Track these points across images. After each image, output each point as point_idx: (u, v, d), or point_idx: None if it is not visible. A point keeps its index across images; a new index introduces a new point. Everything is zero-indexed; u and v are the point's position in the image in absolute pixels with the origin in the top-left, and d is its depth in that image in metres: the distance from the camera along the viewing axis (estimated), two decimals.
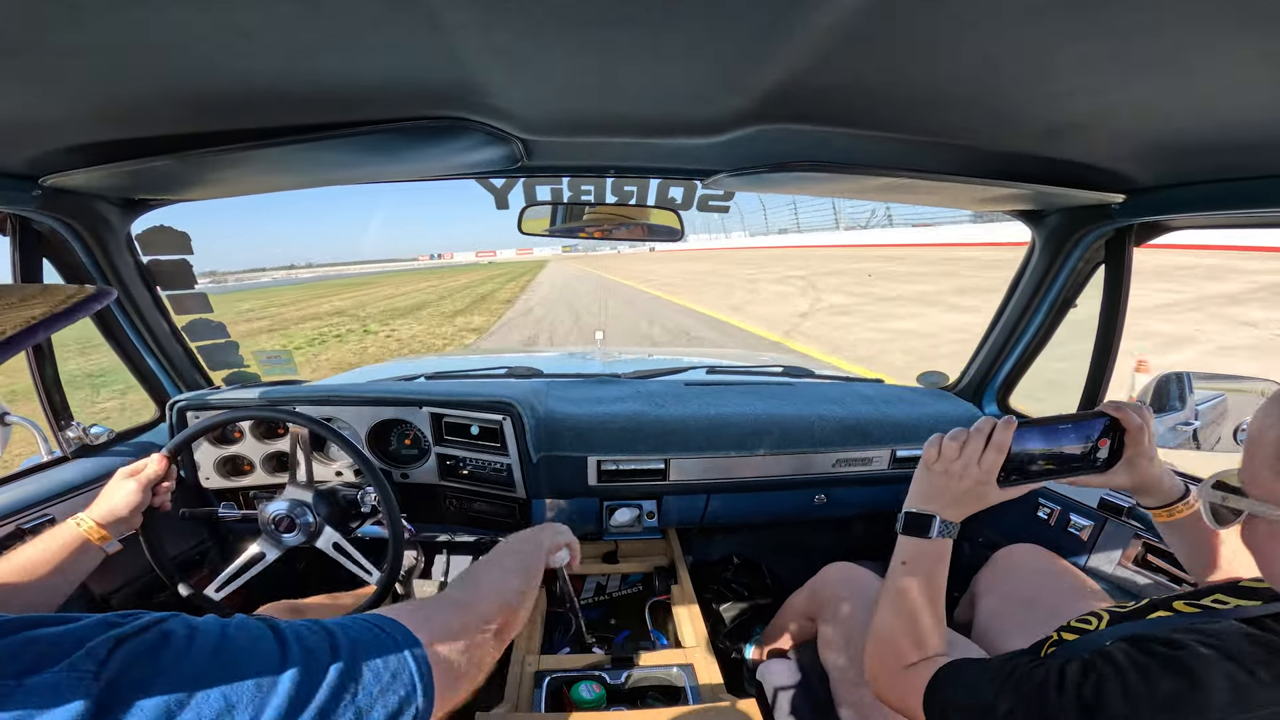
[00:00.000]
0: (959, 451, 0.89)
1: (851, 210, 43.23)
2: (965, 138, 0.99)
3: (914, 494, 0.95)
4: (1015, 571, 1.39)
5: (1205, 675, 0.57)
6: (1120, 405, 0.91)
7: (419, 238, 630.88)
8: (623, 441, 1.62)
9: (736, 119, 0.96)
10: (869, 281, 16.88)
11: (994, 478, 0.89)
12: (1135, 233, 1.43)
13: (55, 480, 1.41)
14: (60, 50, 0.60)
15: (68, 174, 1.05)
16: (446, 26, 0.62)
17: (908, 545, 0.92)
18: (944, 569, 0.91)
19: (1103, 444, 0.92)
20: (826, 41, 0.66)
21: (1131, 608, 0.81)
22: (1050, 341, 1.75)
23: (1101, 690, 0.61)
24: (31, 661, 0.43)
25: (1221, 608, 0.72)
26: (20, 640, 0.45)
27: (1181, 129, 0.89)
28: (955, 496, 0.91)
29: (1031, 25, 0.58)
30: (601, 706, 1.21)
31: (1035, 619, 1.21)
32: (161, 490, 1.20)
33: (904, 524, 0.94)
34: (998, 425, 0.88)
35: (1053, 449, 0.92)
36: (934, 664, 0.81)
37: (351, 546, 1.35)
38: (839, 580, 1.40)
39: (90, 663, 0.44)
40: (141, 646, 0.47)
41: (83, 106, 0.79)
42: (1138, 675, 0.60)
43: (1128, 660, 0.62)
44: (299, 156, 1.03)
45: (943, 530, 0.91)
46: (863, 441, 1.71)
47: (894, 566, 0.93)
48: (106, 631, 0.47)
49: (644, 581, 1.90)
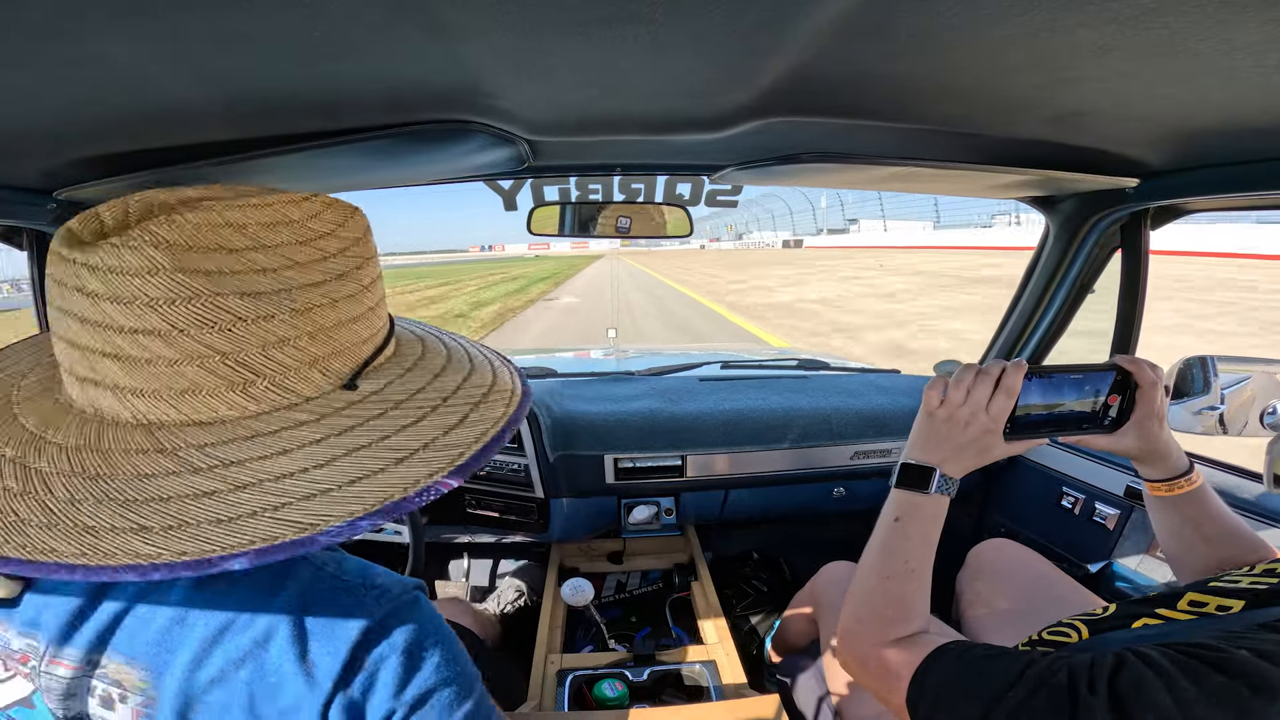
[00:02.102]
0: (965, 396, 0.80)
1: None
2: (972, 125, 0.98)
3: (913, 443, 0.85)
4: (987, 569, 1.35)
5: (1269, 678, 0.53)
6: (1134, 360, 0.85)
7: (469, 229, 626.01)
8: (639, 439, 1.62)
9: (742, 113, 0.96)
10: None
11: (1001, 426, 0.81)
12: (1151, 216, 1.40)
13: None
14: (68, 62, 0.61)
15: (81, 187, 1.07)
16: (448, 30, 0.62)
17: (902, 500, 0.82)
18: (938, 531, 0.82)
19: (1113, 400, 0.86)
20: (830, 33, 0.65)
21: (1105, 615, 0.75)
22: (1068, 327, 1.73)
23: (1141, 688, 0.54)
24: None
25: (1223, 614, 0.68)
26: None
27: (1193, 113, 0.87)
28: (959, 446, 0.81)
29: (1035, 12, 0.57)
30: (624, 704, 1.21)
31: (1013, 619, 1.18)
32: None
33: (899, 476, 0.83)
34: (1007, 367, 0.80)
35: (1059, 402, 0.85)
36: (925, 642, 0.72)
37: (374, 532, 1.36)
38: (841, 580, 1.38)
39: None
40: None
41: (93, 118, 0.80)
42: (1185, 676, 0.53)
43: (1168, 661, 0.56)
44: (306, 164, 1.04)
45: (942, 485, 0.80)
46: (880, 433, 1.70)
47: (884, 523, 0.83)
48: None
49: (664, 578, 1.90)
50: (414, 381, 0.55)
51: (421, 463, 0.46)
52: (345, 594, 0.52)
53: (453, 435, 0.50)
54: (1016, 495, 1.82)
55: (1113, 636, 0.73)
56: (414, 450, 0.47)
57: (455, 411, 0.52)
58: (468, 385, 0.57)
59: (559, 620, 1.53)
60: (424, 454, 0.47)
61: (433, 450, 0.48)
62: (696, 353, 2.80)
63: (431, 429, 0.50)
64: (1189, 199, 1.24)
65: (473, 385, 0.57)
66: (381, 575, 0.56)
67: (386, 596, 0.53)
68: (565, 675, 1.28)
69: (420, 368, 0.58)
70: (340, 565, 0.55)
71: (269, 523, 0.40)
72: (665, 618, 1.77)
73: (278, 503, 0.42)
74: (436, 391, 0.54)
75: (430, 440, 0.48)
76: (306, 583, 0.52)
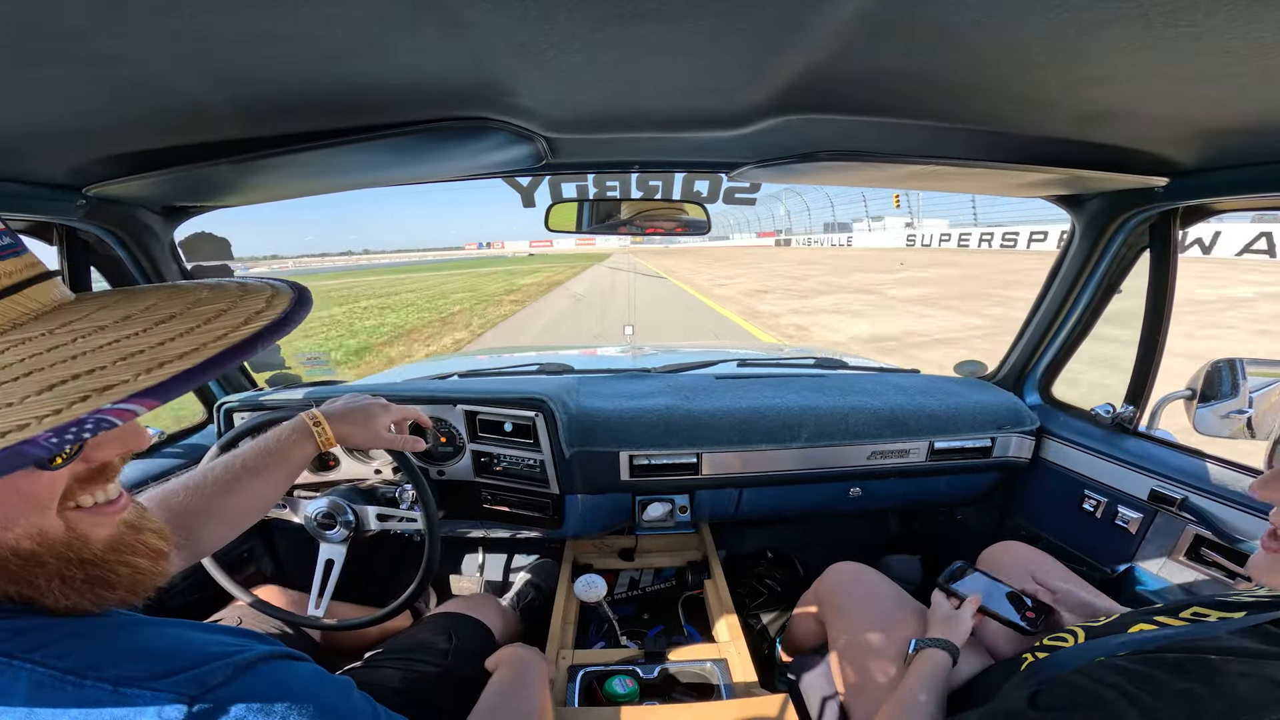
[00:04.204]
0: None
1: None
2: (995, 124, 0.97)
3: None
4: (997, 569, 1.35)
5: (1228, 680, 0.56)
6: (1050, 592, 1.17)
7: (465, 225, 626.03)
8: (655, 436, 1.62)
9: (761, 111, 0.95)
10: None
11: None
12: (1181, 216, 1.37)
13: None
14: (97, 61, 0.62)
15: (109, 184, 1.09)
16: (467, 28, 0.62)
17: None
18: None
19: (1031, 614, 1.18)
20: (849, 30, 0.64)
21: (1104, 623, 0.80)
22: (1094, 329, 1.70)
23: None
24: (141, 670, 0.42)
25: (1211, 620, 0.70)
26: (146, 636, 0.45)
27: (1225, 112, 0.85)
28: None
29: (1060, 8, 0.56)
30: (634, 701, 1.22)
31: None
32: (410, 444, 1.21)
33: None
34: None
35: (998, 613, 1.19)
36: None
37: (394, 522, 1.39)
38: (847, 581, 1.38)
39: (194, 687, 0.42)
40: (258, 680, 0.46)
41: (120, 117, 0.82)
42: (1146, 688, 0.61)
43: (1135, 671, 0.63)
44: (329, 160, 1.06)
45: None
46: (899, 433, 1.68)
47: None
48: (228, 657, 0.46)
49: (677, 576, 1.90)
50: None
51: None
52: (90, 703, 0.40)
53: None
54: (1037, 498, 1.80)
55: (1108, 641, 0.76)
56: None
57: None
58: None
59: (571, 616, 1.53)
60: None
61: None
62: (713, 350, 2.79)
63: None
64: (1220, 199, 1.21)
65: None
66: (184, 650, 0.45)
67: (187, 684, 0.42)
68: (576, 671, 1.29)
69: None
70: (97, 650, 0.43)
71: None
72: (677, 615, 1.78)
73: None
74: None
75: None
76: (25, 693, 0.40)
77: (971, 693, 1.04)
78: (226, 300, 0.50)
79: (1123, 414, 1.56)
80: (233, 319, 0.47)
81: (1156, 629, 0.74)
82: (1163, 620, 0.75)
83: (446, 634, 1.24)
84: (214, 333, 0.46)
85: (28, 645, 0.42)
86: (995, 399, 1.79)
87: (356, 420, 1.12)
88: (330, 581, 1.33)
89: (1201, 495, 1.29)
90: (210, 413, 1.77)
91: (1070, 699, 0.66)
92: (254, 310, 0.49)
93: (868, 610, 1.26)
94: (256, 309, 0.49)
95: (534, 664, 1.07)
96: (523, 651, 1.11)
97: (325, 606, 1.31)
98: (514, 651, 1.11)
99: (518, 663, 1.06)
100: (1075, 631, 0.83)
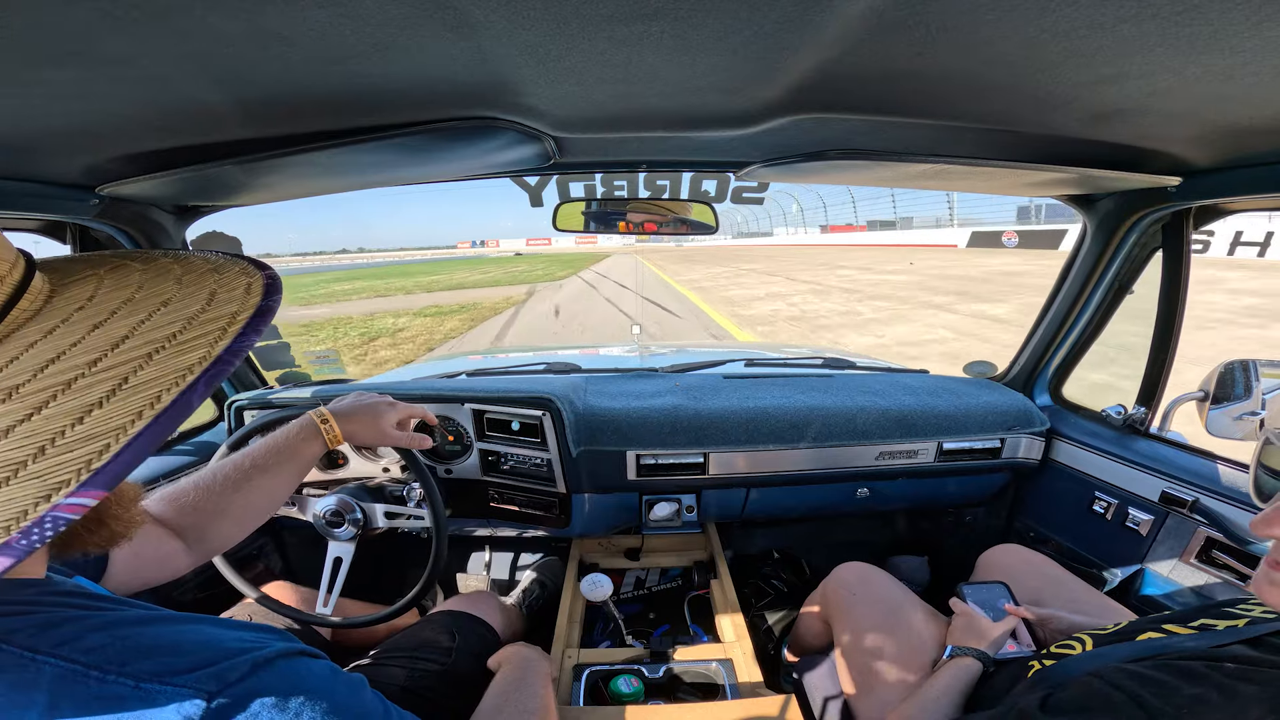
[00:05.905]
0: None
1: None
2: (1006, 123, 0.96)
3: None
4: (996, 573, 1.36)
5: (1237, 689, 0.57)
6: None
7: (457, 223, 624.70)
8: (662, 435, 1.62)
9: (769, 110, 0.95)
10: None
11: None
12: (1194, 215, 1.36)
13: None
14: (110, 62, 0.63)
15: (122, 183, 1.10)
16: (475, 27, 0.63)
17: None
18: None
19: None
20: (858, 28, 0.64)
21: (1113, 629, 0.81)
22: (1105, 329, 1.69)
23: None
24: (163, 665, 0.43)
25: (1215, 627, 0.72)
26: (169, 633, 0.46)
27: (1239, 111, 0.84)
28: None
29: (1071, 7, 0.56)
30: (640, 700, 1.22)
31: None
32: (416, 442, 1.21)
33: None
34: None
35: None
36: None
37: (402, 520, 1.39)
38: (853, 581, 1.37)
39: (213, 683, 0.43)
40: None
41: (133, 116, 0.82)
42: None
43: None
44: (339, 160, 1.06)
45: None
46: (907, 434, 1.68)
47: None
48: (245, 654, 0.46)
49: (683, 576, 1.90)
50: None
51: None
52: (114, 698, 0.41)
53: None
54: (1047, 499, 1.78)
55: (1116, 649, 0.76)
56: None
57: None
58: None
59: (577, 615, 1.53)
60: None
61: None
62: (721, 350, 2.78)
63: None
64: (1233, 198, 1.20)
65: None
66: (204, 647, 0.45)
67: (206, 680, 0.43)
68: (582, 670, 1.29)
69: None
70: (121, 646, 0.43)
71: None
72: (683, 615, 1.77)
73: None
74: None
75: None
76: (49, 687, 0.40)
77: (976, 698, 1.04)
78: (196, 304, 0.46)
79: (1134, 415, 1.55)
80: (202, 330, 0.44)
81: (1165, 637, 0.74)
82: (1171, 629, 0.75)
83: (449, 632, 1.24)
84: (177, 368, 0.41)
85: (54, 641, 0.43)
86: (1005, 400, 1.78)
87: (364, 418, 1.12)
88: (339, 579, 1.34)
89: (1213, 497, 1.28)
90: (221, 410, 1.79)
91: (1081, 702, 0.66)
92: (220, 326, 0.44)
93: (874, 611, 1.26)
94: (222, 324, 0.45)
95: (536, 663, 1.07)
96: (525, 650, 1.12)
97: (333, 604, 1.32)
98: (516, 650, 1.12)
99: (520, 662, 1.06)
100: (1083, 639, 0.83)
